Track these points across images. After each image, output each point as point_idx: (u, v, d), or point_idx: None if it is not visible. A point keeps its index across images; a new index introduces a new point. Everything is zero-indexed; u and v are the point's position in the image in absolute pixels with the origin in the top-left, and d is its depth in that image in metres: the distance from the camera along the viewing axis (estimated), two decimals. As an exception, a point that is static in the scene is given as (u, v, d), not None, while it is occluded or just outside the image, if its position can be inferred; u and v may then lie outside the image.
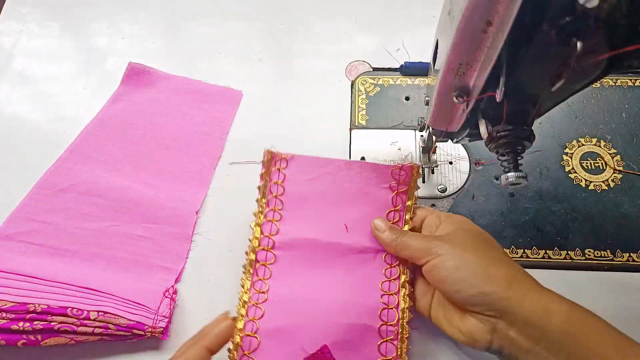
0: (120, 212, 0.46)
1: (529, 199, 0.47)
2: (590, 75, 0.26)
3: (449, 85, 0.31)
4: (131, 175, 0.48)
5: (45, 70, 0.56)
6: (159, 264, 0.44)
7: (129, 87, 0.54)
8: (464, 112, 0.33)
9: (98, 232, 0.45)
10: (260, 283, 0.39)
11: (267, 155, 0.42)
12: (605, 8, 0.23)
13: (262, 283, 0.39)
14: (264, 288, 0.39)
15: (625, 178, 0.48)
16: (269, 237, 0.41)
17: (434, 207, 0.47)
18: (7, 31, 0.59)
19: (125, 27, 0.59)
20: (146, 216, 0.46)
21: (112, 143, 0.50)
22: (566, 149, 0.49)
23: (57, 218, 0.46)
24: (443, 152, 0.49)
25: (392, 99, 0.53)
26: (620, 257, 0.44)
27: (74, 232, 0.45)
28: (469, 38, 0.27)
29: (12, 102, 0.54)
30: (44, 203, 0.47)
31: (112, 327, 0.39)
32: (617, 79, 0.53)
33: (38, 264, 0.43)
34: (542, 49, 0.26)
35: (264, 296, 0.38)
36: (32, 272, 0.42)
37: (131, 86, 0.54)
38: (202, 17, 0.60)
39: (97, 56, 0.57)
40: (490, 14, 0.25)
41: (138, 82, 0.54)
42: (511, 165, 0.33)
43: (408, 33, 0.56)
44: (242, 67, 0.56)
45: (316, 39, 0.58)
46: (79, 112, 0.53)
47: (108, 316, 0.40)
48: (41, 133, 0.52)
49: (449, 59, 0.29)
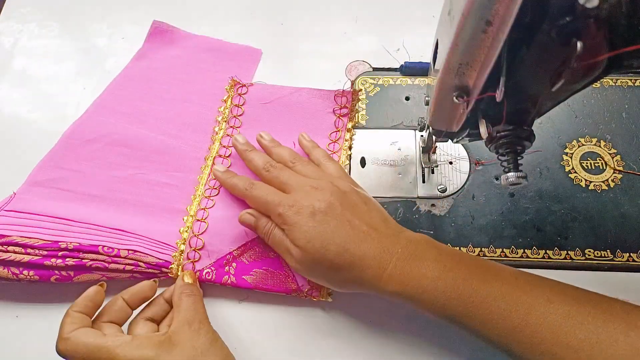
0: (147, 161, 0.49)
1: (529, 199, 0.47)
2: (590, 75, 0.26)
3: (449, 85, 0.31)
4: (156, 127, 0.50)
5: (45, 70, 0.56)
6: (184, 209, 0.46)
7: (152, 44, 0.56)
8: (464, 112, 0.33)
9: (125, 180, 0.47)
10: (214, 182, 0.47)
11: (231, 82, 0.52)
12: (605, 8, 0.23)
13: (214, 182, 0.47)
14: (216, 185, 0.47)
15: (625, 178, 0.48)
16: (227, 147, 0.49)
17: (434, 206, 0.47)
18: (7, 31, 0.59)
19: (125, 27, 0.59)
20: (171, 165, 0.48)
21: (138, 97, 0.52)
22: (566, 149, 0.49)
23: (85, 166, 0.48)
24: (443, 152, 0.49)
25: (392, 99, 0.53)
26: (620, 257, 0.44)
27: (102, 179, 0.47)
28: (469, 38, 0.27)
29: (12, 102, 0.54)
30: (72, 152, 0.49)
31: (142, 265, 0.42)
32: (617, 79, 0.53)
33: (68, 207, 0.45)
34: (542, 49, 0.26)
35: (215, 191, 0.46)
36: (63, 215, 0.44)
37: (155, 44, 0.56)
38: (202, 17, 0.60)
39: (97, 56, 0.57)
40: (490, 14, 0.25)
41: (162, 41, 0.57)
42: (511, 165, 0.33)
43: (408, 33, 0.56)
44: (242, 67, 0.56)
45: (316, 39, 0.58)
46: (79, 112, 0.53)
47: (138, 254, 0.42)
48: (41, 133, 0.52)
49: (449, 59, 0.29)
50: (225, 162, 0.48)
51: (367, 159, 0.50)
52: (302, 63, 0.56)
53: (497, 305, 0.33)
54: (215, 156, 0.48)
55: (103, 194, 0.46)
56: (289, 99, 0.51)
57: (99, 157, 0.48)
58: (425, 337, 0.41)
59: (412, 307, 0.36)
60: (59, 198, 0.46)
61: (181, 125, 0.51)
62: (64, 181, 0.47)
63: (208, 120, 0.51)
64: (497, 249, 0.45)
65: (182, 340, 0.35)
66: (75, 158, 0.48)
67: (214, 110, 0.52)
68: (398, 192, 0.48)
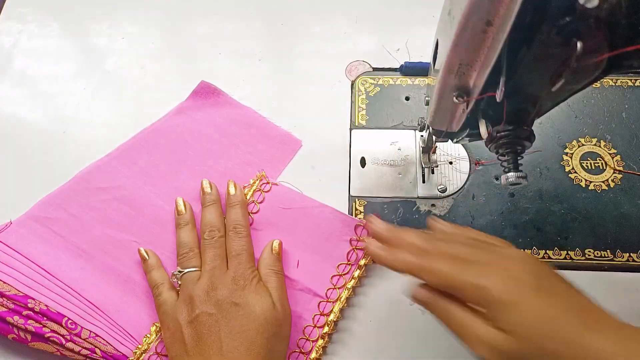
0: (145, 231, 0.46)
1: (529, 199, 0.47)
2: (590, 75, 0.26)
3: (449, 85, 0.31)
4: (168, 196, 0.47)
5: (45, 70, 0.56)
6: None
7: (194, 103, 0.52)
8: (464, 112, 0.33)
9: (118, 244, 0.45)
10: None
11: (258, 175, 0.48)
12: (605, 8, 0.23)
13: None
14: None
15: (625, 178, 0.48)
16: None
17: (434, 207, 0.47)
18: (7, 31, 0.59)
19: (125, 27, 0.59)
20: (168, 244, 0.45)
21: (160, 156, 0.49)
22: (566, 149, 0.49)
23: (86, 215, 0.46)
24: (443, 152, 0.49)
25: (392, 99, 0.53)
26: (620, 257, 0.44)
27: (96, 234, 0.45)
28: (469, 38, 0.27)
29: (12, 102, 0.54)
30: (80, 196, 0.47)
31: (98, 353, 0.40)
32: (617, 79, 0.53)
33: (53, 256, 0.44)
34: (542, 49, 0.26)
35: None
36: (45, 264, 0.43)
37: (197, 103, 0.53)
38: (202, 17, 0.60)
39: (97, 56, 0.57)
40: (490, 14, 0.25)
41: (204, 101, 0.53)
42: (511, 165, 0.33)
43: (408, 33, 0.56)
44: (242, 67, 0.56)
45: (316, 39, 0.58)
46: (79, 112, 0.53)
47: (98, 340, 0.40)
48: (41, 133, 0.52)
49: (449, 59, 0.29)
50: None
51: (367, 159, 0.50)
52: (302, 63, 0.56)
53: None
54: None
55: (91, 252, 0.45)
56: (308, 212, 0.45)
57: (102, 210, 0.46)
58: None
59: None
60: (50, 242, 0.45)
61: (193, 202, 0.47)
62: (61, 224, 0.45)
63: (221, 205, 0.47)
64: (497, 249, 0.45)
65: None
66: (79, 203, 0.46)
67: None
68: (398, 192, 0.48)
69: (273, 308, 0.38)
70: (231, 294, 0.38)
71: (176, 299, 0.40)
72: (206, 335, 0.37)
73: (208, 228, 0.43)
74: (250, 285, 0.39)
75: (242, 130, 0.51)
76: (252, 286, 0.39)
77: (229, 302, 0.38)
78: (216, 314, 0.37)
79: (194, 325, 0.37)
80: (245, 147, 0.50)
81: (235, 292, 0.39)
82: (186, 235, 0.44)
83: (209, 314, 0.37)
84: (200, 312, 0.37)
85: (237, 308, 0.38)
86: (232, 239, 0.42)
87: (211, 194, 0.46)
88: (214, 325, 0.37)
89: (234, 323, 0.37)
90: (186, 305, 0.39)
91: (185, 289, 0.40)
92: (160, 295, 0.41)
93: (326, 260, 0.44)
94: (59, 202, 0.46)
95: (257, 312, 0.37)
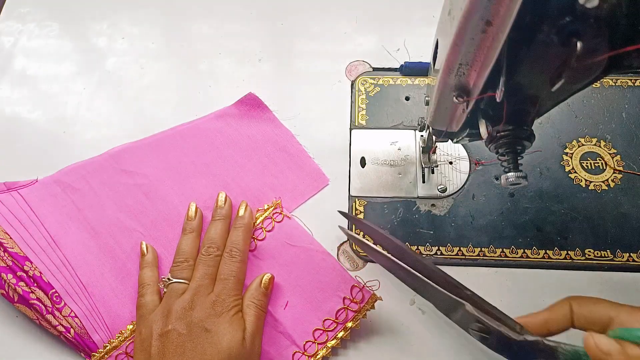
0: (154, 226, 0.46)
1: (529, 199, 0.47)
2: (590, 75, 0.26)
3: (449, 85, 0.31)
4: (185, 197, 0.47)
5: (45, 70, 0.56)
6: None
7: (237, 111, 0.52)
8: (464, 112, 0.33)
9: (125, 229, 0.46)
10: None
11: (273, 203, 0.47)
12: (605, 8, 0.23)
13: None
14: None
15: (625, 178, 0.48)
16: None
17: (434, 207, 0.47)
18: (7, 31, 0.59)
19: (125, 27, 0.59)
20: (170, 246, 0.45)
21: (190, 156, 0.49)
22: (566, 149, 0.49)
23: (104, 193, 0.47)
24: (443, 152, 0.49)
25: (392, 99, 0.53)
26: (620, 257, 0.44)
27: (108, 214, 0.46)
28: (469, 38, 0.27)
29: (12, 102, 0.54)
30: (105, 173, 0.48)
31: (72, 333, 0.41)
32: (617, 79, 0.52)
33: (63, 226, 0.46)
34: (542, 49, 0.26)
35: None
36: (53, 230, 0.45)
37: (240, 111, 0.52)
38: (202, 17, 0.60)
39: (97, 56, 0.57)
40: (490, 14, 0.25)
41: (247, 112, 0.52)
42: (511, 165, 0.33)
43: (408, 33, 0.56)
44: (242, 67, 0.56)
45: (316, 39, 0.58)
46: (79, 112, 0.53)
47: (76, 321, 0.41)
48: (41, 133, 0.52)
49: (449, 59, 0.29)
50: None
51: (367, 159, 0.50)
52: (302, 63, 0.56)
53: None
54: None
55: (98, 230, 0.46)
56: (312, 255, 0.44)
57: (120, 192, 0.47)
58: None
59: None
60: (64, 210, 0.46)
61: (207, 210, 0.47)
62: (80, 196, 0.47)
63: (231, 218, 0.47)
64: (497, 249, 0.45)
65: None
66: (102, 179, 0.48)
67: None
68: (398, 192, 0.48)
69: (241, 344, 0.38)
70: (206, 318, 0.38)
71: (157, 304, 0.40)
72: (170, 354, 0.37)
73: (207, 243, 0.43)
74: (227, 314, 0.39)
75: (274, 152, 0.50)
76: (229, 316, 0.39)
77: (201, 326, 0.38)
78: (185, 335, 0.37)
79: (162, 340, 0.38)
80: (273, 169, 0.49)
81: (210, 317, 0.38)
82: (187, 243, 0.44)
83: (179, 332, 0.38)
84: (172, 329, 0.38)
85: (206, 334, 0.38)
86: (225, 261, 0.42)
87: (223, 208, 0.45)
88: (180, 345, 0.37)
89: (199, 349, 0.37)
90: (163, 317, 0.39)
91: (168, 299, 0.40)
92: (143, 296, 0.41)
93: (315, 310, 0.42)
94: (84, 174, 0.48)
95: (224, 344, 0.37)
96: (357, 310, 0.41)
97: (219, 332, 0.38)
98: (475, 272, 0.45)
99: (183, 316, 0.38)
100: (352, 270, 0.45)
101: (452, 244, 0.45)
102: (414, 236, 0.46)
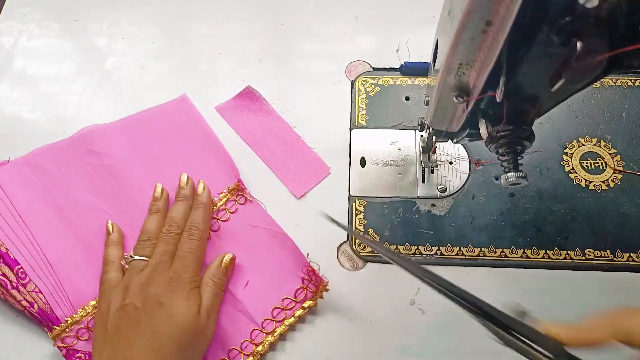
0: (120, 206, 0.47)
1: (529, 199, 0.47)
2: (590, 75, 0.26)
3: (449, 85, 0.31)
4: (152, 177, 0.48)
5: (45, 70, 0.56)
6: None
7: (235, 103, 0.53)
8: (464, 112, 0.33)
9: (92, 210, 0.47)
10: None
11: (235, 185, 0.47)
12: (605, 8, 0.23)
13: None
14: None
15: (625, 178, 0.48)
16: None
17: (434, 207, 0.47)
18: (7, 31, 0.59)
19: (125, 27, 0.59)
20: (136, 226, 0.45)
21: (162, 137, 0.50)
22: (566, 149, 0.49)
23: (73, 173, 0.48)
24: (443, 152, 0.49)
25: (392, 99, 0.53)
26: (620, 257, 0.44)
27: (75, 195, 0.47)
28: (469, 38, 0.27)
29: (12, 102, 0.54)
30: (74, 154, 0.49)
31: (35, 308, 0.42)
32: (617, 79, 0.52)
33: (32, 205, 0.46)
34: (542, 49, 0.26)
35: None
36: (22, 209, 0.46)
37: (238, 103, 0.53)
38: (202, 17, 0.60)
39: (97, 56, 0.57)
40: (490, 14, 0.25)
41: (246, 104, 0.53)
42: (511, 165, 0.33)
43: (408, 33, 0.56)
44: (242, 67, 0.56)
45: (316, 39, 0.58)
46: (79, 112, 0.53)
47: (40, 296, 0.42)
48: (41, 133, 0.52)
49: (449, 59, 0.29)
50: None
51: (367, 159, 0.50)
52: (302, 63, 0.56)
53: None
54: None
55: (65, 211, 0.46)
56: (272, 237, 0.45)
57: (88, 173, 0.48)
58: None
59: None
60: (33, 190, 0.47)
61: (171, 190, 0.47)
62: (49, 177, 0.48)
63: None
64: (497, 249, 0.45)
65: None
66: (70, 161, 0.48)
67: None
68: (398, 192, 0.48)
69: (195, 317, 0.38)
70: (162, 293, 0.39)
71: (119, 281, 0.41)
72: (125, 328, 0.37)
73: (169, 222, 0.43)
74: (183, 290, 0.39)
75: (272, 142, 0.51)
76: (185, 290, 0.39)
77: (156, 300, 0.38)
78: (141, 309, 0.38)
79: (119, 314, 0.38)
80: (274, 162, 0.50)
81: (166, 292, 0.39)
82: (152, 223, 0.44)
83: (135, 307, 0.38)
84: (129, 303, 0.38)
85: (160, 308, 0.38)
86: (184, 239, 0.42)
87: (185, 189, 0.46)
88: (135, 319, 0.38)
89: (153, 322, 0.37)
90: (122, 292, 0.39)
91: (128, 275, 0.41)
92: (106, 273, 0.42)
93: (274, 290, 0.43)
94: (54, 155, 0.48)
95: (179, 317, 0.38)
96: (316, 290, 0.43)
97: (173, 306, 0.38)
98: (475, 272, 0.45)
99: (140, 291, 0.39)
100: (352, 271, 0.45)
101: (452, 244, 0.45)
102: (414, 236, 0.46)
